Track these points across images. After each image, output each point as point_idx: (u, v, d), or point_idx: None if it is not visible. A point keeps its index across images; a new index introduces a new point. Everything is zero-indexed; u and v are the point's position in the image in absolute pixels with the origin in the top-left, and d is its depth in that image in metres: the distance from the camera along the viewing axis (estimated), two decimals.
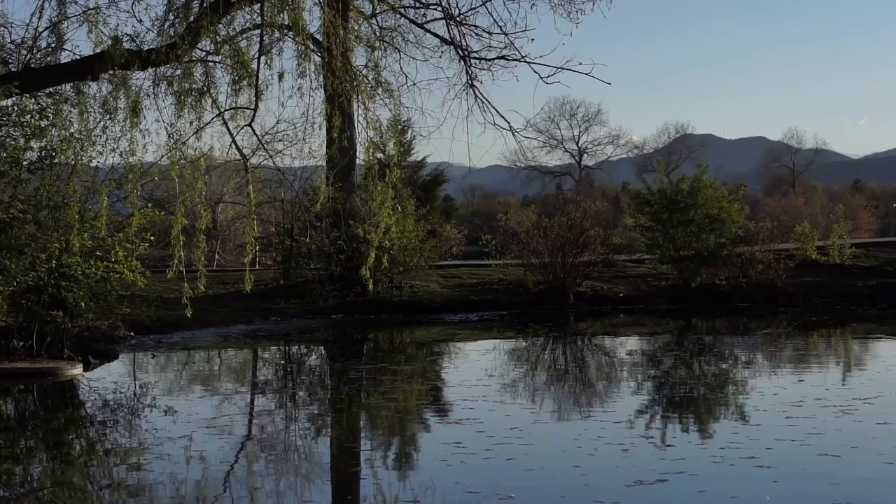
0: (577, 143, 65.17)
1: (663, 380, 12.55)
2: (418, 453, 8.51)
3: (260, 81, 12.38)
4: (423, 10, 19.26)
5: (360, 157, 14.49)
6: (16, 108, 13.26)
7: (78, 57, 13.44)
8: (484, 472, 7.30)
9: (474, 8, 16.83)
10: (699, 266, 22.63)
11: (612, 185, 50.09)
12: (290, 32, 12.51)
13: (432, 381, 12.65)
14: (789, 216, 31.40)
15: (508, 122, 17.58)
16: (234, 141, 12.87)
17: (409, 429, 9.68)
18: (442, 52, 17.80)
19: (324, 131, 13.26)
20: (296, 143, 22.88)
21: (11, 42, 13.78)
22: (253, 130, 12.85)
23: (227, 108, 12.57)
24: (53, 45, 13.45)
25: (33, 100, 13.36)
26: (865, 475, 7.16)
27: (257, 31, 12.71)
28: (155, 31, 12.72)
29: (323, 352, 16.69)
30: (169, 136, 12.50)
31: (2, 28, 14.21)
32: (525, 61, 16.16)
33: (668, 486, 6.79)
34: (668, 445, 8.29)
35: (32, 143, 13.25)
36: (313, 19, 13.42)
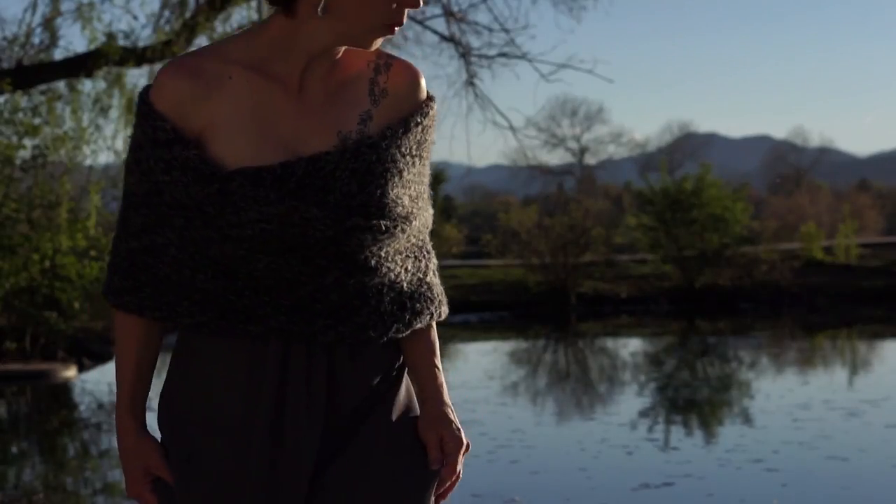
0: (578, 142, 65.09)
1: (667, 381, 12.42)
2: None
3: None
4: (422, 7, 19.11)
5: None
6: (8, 105, 13.13)
7: (72, 54, 13.32)
8: (488, 475, 7.17)
9: (474, 4, 16.67)
10: (702, 266, 22.48)
11: (615, 184, 49.92)
12: None
13: None
14: (794, 216, 31.20)
15: (508, 121, 17.49)
16: None
17: None
18: (441, 50, 17.66)
19: None
20: None
21: (4, 38, 13.63)
22: None
23: None
24: (47, 41, 13.33)
25: (26, 97, 13.22)
26: (875, 478, 7.03)
27: None
28: (150, 28, 12.63)
29: None
30: None
31: None
32: (526, 59, 16.02)
33: (675, 490, 6.65)
34: (673, 448, 8.16)
35: (25, 141, 13.10)
36: None
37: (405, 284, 1.72)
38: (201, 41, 12.72)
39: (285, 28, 1.60)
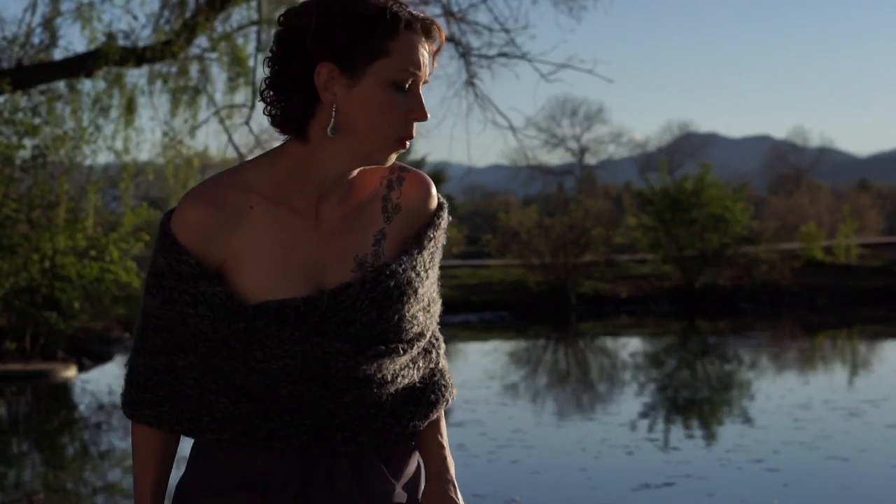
0: (578, 142, 65.01)
1: (667, 381, 12.40)
2: None
3: (257, 79, 12.27)
4: (421, 7, 19.08)
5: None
6: (8, 105, 13.10)
7: (72, 54, 13.29)
8: (488, 475, 7.16)
9: (474, 4, 16.65)
10: (702, 266, 22.46)
11: (615, 183, 49.82)
12: None
13: None
14: (794, 216, 31.17)
15: (508, 121, 17.47)
16: (230, 139, 12.78)
17: None
18: (441, 50, 17.64)
19: None
20: None
21: (4, 38, 13.60)
22: (250, 129, 12.77)
23: (224, 105, 12.48)
24: (46, 41, 13.30)
25: (26, 97, 13.21)
26: (875, 478, 7.02)
27: (254, 28, 12.62)
28: (150, 28, 12.61)
29: None
30: (164, 135, 12.42)
31: None
32: (526, 59, 15.99)
33: (676, 490, 6.64)
34: (674, 448, 8.14)
35: (25, 141, 13.08)
36: None
37: (418, 381, 1.78)
38: (201, 41, 12.75)
39: (300, 154, 1.64)
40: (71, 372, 12.93)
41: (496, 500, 6.44)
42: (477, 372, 13.07)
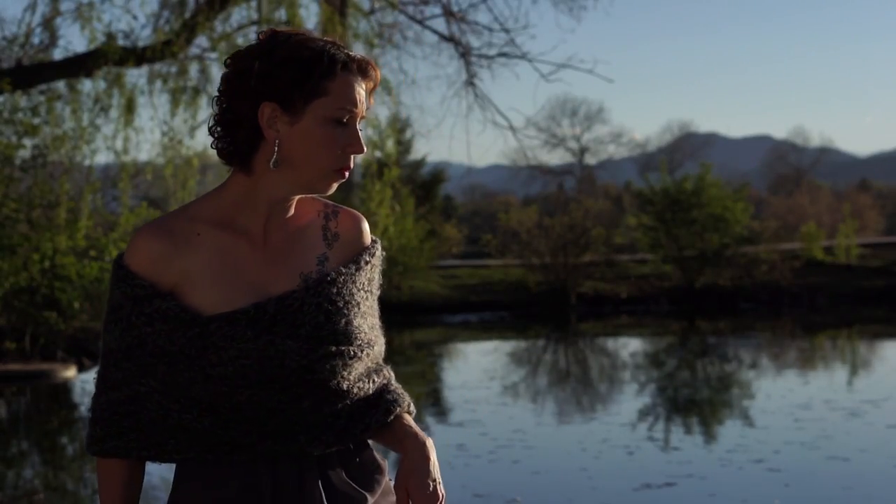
0: (578, 142, 64.99)
1: (667, 382, 12.40)
2: None
3: None
4: (421, 7, 19.10)
5: (359, 155, 14.32)
6: (8, 105, 13.08)
7: (72, 54, 13.28)
8: (489, 475, 7.16)
9: (474, 4, 16.66)
10: (703, 266, 22.46)
11: (615, 183, 49.80)
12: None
13: (433, 383, 12.49)
14: (794, 216, 31.18)
15: (508, 121, 17.49)
16: None
17: None
18: (441, 50, 17.67)
19: None
20: None
21: (4, 38, 13.59)
22: None
23: None
24: (46, 41, 13.29)
25: (26, 97, 13.20)
26: (876, 479, 7.02)
27: (254, 28, 12.60)
28: (150, 28, 12.61)
29: None
30: (163, 134, 12.41)
31: None
32: (526, 59, 16.00)
33: (677, 490, 6.63)
34: (675, 448, 8.14)
35: (25, 141, 13.07)
36: (311, 16, 13.33)
37: (372, 393, 1.87)
38: (201, 41, 12.75)
39: (245, 184, 1.78)
40: (71, 372, 12.92)
41: (497, 500, 6.44)
42: (477, 372, 13.07)
